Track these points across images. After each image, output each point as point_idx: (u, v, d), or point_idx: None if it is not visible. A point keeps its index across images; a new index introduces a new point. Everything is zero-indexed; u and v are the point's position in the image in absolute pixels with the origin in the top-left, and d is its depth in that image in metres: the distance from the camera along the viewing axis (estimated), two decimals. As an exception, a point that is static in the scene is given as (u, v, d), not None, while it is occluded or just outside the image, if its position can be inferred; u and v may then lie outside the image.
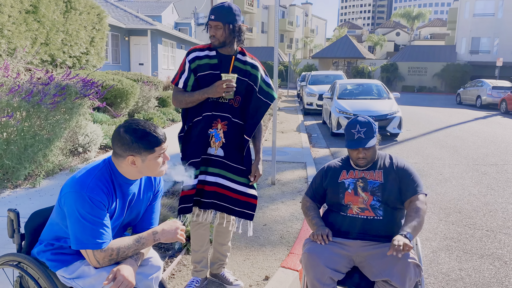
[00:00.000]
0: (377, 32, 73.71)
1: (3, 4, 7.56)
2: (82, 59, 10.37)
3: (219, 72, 2.55)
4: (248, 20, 49.32)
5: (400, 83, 37.56)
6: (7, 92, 4.43)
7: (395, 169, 2.41)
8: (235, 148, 2.61)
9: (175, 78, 2.63)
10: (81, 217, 1.69)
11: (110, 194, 1.78)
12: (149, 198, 2.00)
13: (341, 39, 42.01)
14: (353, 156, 2.42)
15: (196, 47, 2.63)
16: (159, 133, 1.80)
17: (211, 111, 2.56)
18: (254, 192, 2.70)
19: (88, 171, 1.77)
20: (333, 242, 2.32)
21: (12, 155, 4.50)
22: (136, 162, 1.78)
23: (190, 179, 2.52)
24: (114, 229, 1.90)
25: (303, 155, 7.63)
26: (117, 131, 1.80)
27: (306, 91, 16.22)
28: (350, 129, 2.39)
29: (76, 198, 1.69)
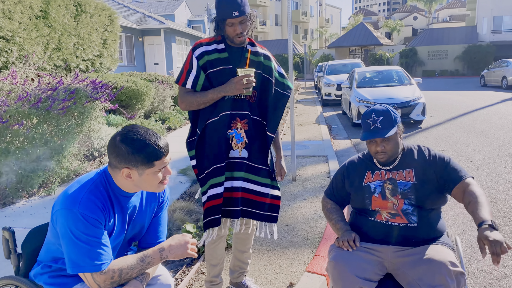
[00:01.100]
0: (393, 18, 72.15)
1: (12, 11, 7.50)
2: (95, 62, 10.30)
3: (231, 66, 2.28)
4: (261, 13, 48.90)
5: (420, 68, 36.60)
6: (15, 99, 4.31)
7: (428, 161, 2.10)
8: (258, 147, 2.38)
9: (180, 77, 2.32)
10: (74, 237, 1.49)
11: (106, 209, 1.57)
12: (153, 210, 1.79)
13: (357, 27, 41.18)
14: (372, 151, 2.12)
15: (202, 41, 2.35)
16: (161, 145, 1.56)
17: (229, 110, 2.29)
18: (278, 192, 2.48)
19: (81, 185, 1.57)
20: (361, 247, 2.06)
21: (25, 164, 4.39)
22: (132, 176, 1.56)
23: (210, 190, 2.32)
24: (116, 246, 1.70)
25: (324, 148, 7.35)
26: (113, 139, 1.58)
27: (324, 82, 15.85)
28: (366, 119, 2.09)
29: (68, 216, 1.49)
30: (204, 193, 2.34)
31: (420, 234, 2.03)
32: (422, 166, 2.10)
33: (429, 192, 2.05)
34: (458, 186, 2.03)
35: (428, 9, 55.85)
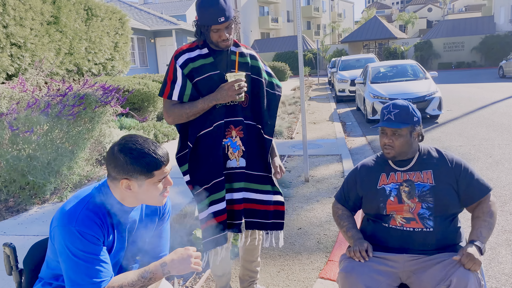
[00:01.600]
0: (407, 10, 71.05)
1: (24, 18, 7.56)
2: (107, 65, 10.35)
3: (219, 71, 2.16)
4: (273, 10, 48.69)
5: (436, 61, 35.93)
6: (25, 107, 4.33)
7: (451, 168, 1.99)
8: (256, 154, 2.27)
9: (164, 90, 2.16)
10: (72, 254, 1.44)
11: (104, 225, 1.51)
12: (154, 223, 1.73)
13: (370, 21, 40.65)
14: (381, 143, 2.05)
15: (183, 48, 2.20)
16: (160, 153, 1.50)
17: (223, 119, 2.16)
18: (281, 198, 2.38)
19: (78, 201, 1.51)
20: (374, 257, 1.96)
21: (36, 170, 4.40)
22: (131, 187, 1.50)
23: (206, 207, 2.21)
24: (118, 262, 1.65)
25: (338, 147, 7.23)
26: (111, 149, 1.52)
27: (337, 78, 15.67)
28: (383, 110, 2.05)
29: (65, 234, 1.44)
30: (202, 209, 2.22)
31: (436, 240, 1.94)
32: (442, 169, 2.01)
33: (448, 195, 1.95)
34: (479, 201, 1.98)
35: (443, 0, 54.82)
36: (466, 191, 1.97)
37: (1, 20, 7.12)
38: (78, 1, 9.06)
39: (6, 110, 4.40)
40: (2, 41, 7.14)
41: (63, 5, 8.54)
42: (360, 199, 2.14)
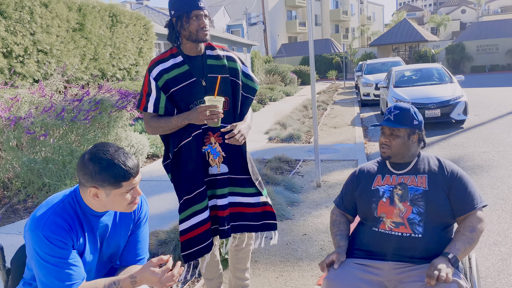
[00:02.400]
0: (439, 12, 69.35)
1: (50, 25, 7.86)
2: (131, 70, 10.60)
3: (195, 78, 2.16)
4: (300, 14, 48.57)
5: (469, 64, 34.86)
6: (41, 111, 4.49)
7: (446, 176, 1.97)
8: (237, 157, 2.26)
9: (140, 102, 2.17)
10: (41, 259, 1.48)
11: (73, 230, 1.54)
12: (129, 228, 1.74)
13: (400, 23, 39.90)
14: (379, 142, 2.07)
15: (156, 59, 2.19)
16: (130, 165, 1.50)
17: (201, 127, 2.16)
18: (265, 199, 2.35)
19: (48, 206, 1.55)
20: (358, 265, 1.94)
21: (51, 173, 4.56)
22: (99, 195, 1.52)
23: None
24: (92, 266, 1.67)
25: (355, 152, 7.12)
26: (82, 157, 1.54)
27: (362, 81, 15.45)
28: (386, 111, 2.08)
29: (33, 238, 1.48)
30: (183, 220, 2.21)
31: (423, 247, 1.89)
32: (437, 175, 1.98)
33: (440, 201, 1.92)
34: (467, 215, 1.93)
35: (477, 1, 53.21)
36: (456, 201, 1.94)
37: (29, 27, 7.42)
38: (103, 8, 9.33)
39: (24, 114, 4.59)
40: (29, 48, 7.43)
41: (89, 12, 8.81)
42: (356, 201, 2.13)
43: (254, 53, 26.56)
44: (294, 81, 24.70)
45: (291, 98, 18.65)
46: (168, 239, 3.38)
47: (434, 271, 1.70)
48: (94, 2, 9.21)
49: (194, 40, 2.13)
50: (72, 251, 1.52)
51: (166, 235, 3.42)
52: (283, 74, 23.58)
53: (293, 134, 8.49)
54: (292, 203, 4.59)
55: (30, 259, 1.52)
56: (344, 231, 2.12)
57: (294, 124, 10.09)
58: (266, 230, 2.39)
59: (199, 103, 2.18)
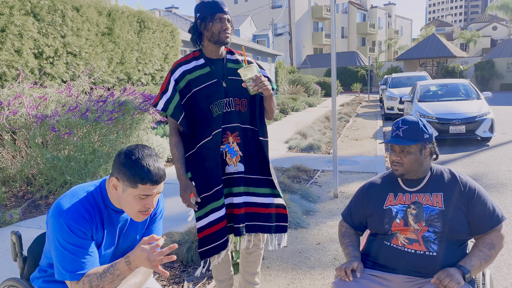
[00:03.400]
0: (470, 28, 68.18)
1: (80, 29, 8.10)
2: (156, 75, 10.80)
3: (216, 80, 2.23)
4: (327, 26, 48.59)
5: (498, 81, 34.05)
6: (66, 110, 4.62)
7: (463, 193, 1.88)
8: (254, 158, 2.31)
9: (155, 98, 2.28)
10: (60, 245, 1.53)
11: (93, 221, 1.59)
12: (145, 223, 1.79)
13: (428, 38, 39.38)
14: (390, 160, 1.97)
15: (180, 61, 2.28)
16: (153, 171, 1.52)
17: (221, 126, 2.23)
18: (281, 201, 2.37)
19: (73, 195, 1.61)
20: (369, 275, 1.90)
21: (73, 171, 4.67)
22: (117, 188, 1.57)
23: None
24: (107, 259, 1.71)
25: (376, 164, 7.04)
26: (123, 148, 1.63)
27: (386, 95, 15.29)
28: (393, 126, 1.98)
29: (55, 225, 1.54)
30: (200, 218, 2.26)
31: (437, 265, 1.82)
32: (453, 193, 1.89)
33: (458, 221, 1.84)
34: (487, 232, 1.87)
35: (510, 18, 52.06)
36: (476, 220, 1.85)
37: (60, 30, 7.68)
38: (131, 14, 9.57)
39: (51, 112, 4.73)
40: (59, 50, 7.68)
41: (118, 18, 9.05)
42: (366, 218, 2.07)
43: (279, 63, 26.67)
44: (318, 92, 24.64)
45: (314, 109, 18.60)
46: (182, 240, 3.41)
47: (445, 277, 1.68)
48: (124, 8, 9.46)
49: (215, 42, 2.20)
50: (90, 242, 1.57)
51: (180, 236, 3.45)
52: (306, 85, 23.56)
53: (313, 144, 8.46)
54: (307, 212, 4.56)
55: (49, 244, 1.58)
56: (355, 242, 2.07)
57: (315, 134, 10.05)
58: (279, 232, 2.40)
59: (219, 103, 2.23)
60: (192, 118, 2.27)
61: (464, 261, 1.78)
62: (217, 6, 2.16)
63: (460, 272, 1.72)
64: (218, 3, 2.16)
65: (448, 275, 1.70)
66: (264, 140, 2.32)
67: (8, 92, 5.32)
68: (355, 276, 1.87)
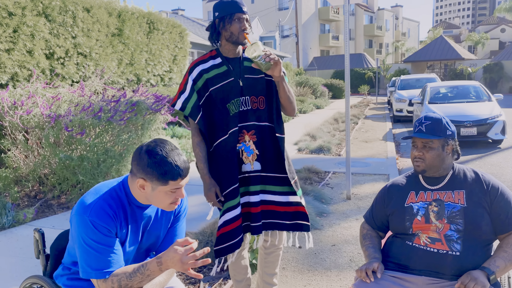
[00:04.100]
0: (478, 30, 67.80)
1: (91, 30, 8.13)
2: (165, 77, 10.82)
3: (233, 78, 2.23)
4: (334, 28, 48.53)
5: (507, 84, 33.81)
6: (80, 110, 4.63)
7: (486, 191, 1.85)
8: (271, 155, 2.30)
9: (173, 98, 2.31)
10: (85, 243, 1.51)
11: (117, 218, 1.57)
12: (169, 221, 1.77)
13: (436, 40, 39.19)
14: (411, 156, 1.95)
15: (197, 60, 2.29)
16: (180, 166, 1.53)
17: (237, 125, 2.24)
18: (299, 199, 2.34)
19: (97, 192, 1.59)
20: (390, 276, 1.87)
21: (86, 171, 4.67)
22: (145, 188, 1.55)
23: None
24: (130, 256, 1.70)
25: (387, 166, 6.99)
26: (140, 147, 1.59)
27: (395, 97, 15.21)
28: (415, 122, 1.96)
29: (79, 223, 1.52)
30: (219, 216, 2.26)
31: (461, 266, 1.79)
32: (475, 191, 1.87)
33: (480, 219, 1.81)
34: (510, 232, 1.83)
35: (517, 20, 51.73)
36: (499, 219, 1.82)
37: (71, 31, 7.71)
38: (141, 15, 9.60)
39: (63, 112, 4.74)
40: (70, 50, 7.71)
41: (128, 19, 9.08)
42: (387, 218, 2.04)
43: (285, 65, 26.66)
44: (325, 94, 24.58)
45: (321, 111, 18.55)
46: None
47: (470, 281, 1.64)
48: (133, 9, 9.48)
49: (234, 42, 2.19)
50: (115, 239, 1.55)
51: (194, 236, 3.43)
52: (314, 87, 23.51)
53: (323, 146, 8.42)
54: (321, 213, 4.53)
55: (73, 242, 1.56)
56: (377, 245, 2.04)
57: (324, 136, 10.01)
58: (298, 230, 2.37)
59: (235, 102, 2.23)
60: (209, 117, 2.27)
61: (488, 262, 1.75)
62: (236, 6, 2.14)
63: (485, 274, 1.69)
64: (237, 2, 2.15)
65: (473, 278, 1.66)
66: (281, 137, 2.31)
67: (21, 92, 5.34)
68: (376, 277, 1.84)
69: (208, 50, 17.63)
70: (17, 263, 3.43)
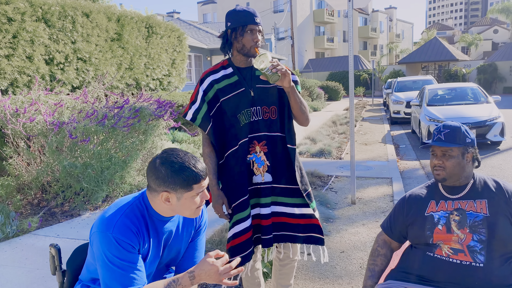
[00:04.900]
0: (471, 31, 68.28)
1: (90, 35, 8.09)
2: (164, 81, 10.78)
3: (244, 89, 2.19)
4: (329, 30, 48.65)
5: (501, 85, 34.06)
6: (84, 117, 4.59)
7: (508, 200, 1.83)
8: (282, 166, 2.26)
9: (185, 108, 2.31)
10: (108, 261, 1.49)
11: (140, 234, 1.55)
12: (190, 235, 1.75)
13: (430, 42, 39.41)
14: (431, 165, 1.94)
15: (208, 71, 2.28)
16: (199, 168, 1.54)
17: (247, 136, 2.21)
18: (311, 211, 2.31)
19: (117, 208, 1.57)
20: (410, 290, 1.85)
21: (90, 178, 4.63)
22: (170, 200, 1.54)
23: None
24: (152, 271, 1.68)
25: (389, 169, 6.99)
26: (153, 162, 1.57)
27: (392, 99, 15.27)
28: (434, 131, 1.96)
29: (102, 240, 1.50)
30: (229, 228, 2.24)
31: (484, 278, 1.76)
32: (498, 200, 1.85)
33: (504, 228, 1.78)
34: None
35: (510, 21, 52.12)
36: None
37: (70, 36, 7.66)
38: (140, 19, 9.56)
39: (67, 119, 4.69)
40: (70, 56, 7.66)
41: (127, 23, 9.04)
42: (406, 228, 2.02)
43: (282, 68, 26.64)
44: (321, 96, 24.62)
45: (319, 113, 18.57)
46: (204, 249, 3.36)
47: None
48: (132, 13, 9.44)
49: (245, 54, 2.17)
50: (138, 255, 1.53)
51: (204, 245, 3.40)
52: (310, 89, 23.55)
53: (324, 149, 8.42)
54: (327, 219, 4.52)
55: (96, 260, 1.54)
56: (378, 267, 2.05)
57: (324, 139, 10.01)
58: (312, 243, 2.34)
59: (246, 112, 2.20)
60: (220, 128, 2.25)
61: None
62: (249, 17, 2.11)
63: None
64: (250, 13, 2.12)
65: None
66: (292, 148, 2.27)
67: (22, 99, 5.28)
68: None
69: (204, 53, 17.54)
70: (23, 274, 3.38)
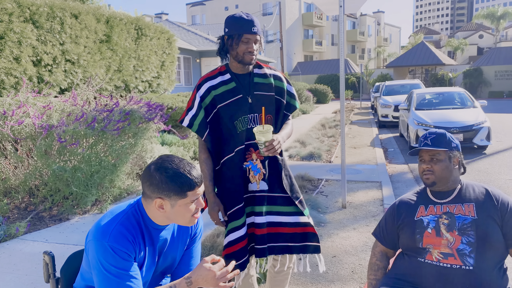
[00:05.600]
0: (457, 36, 69.34)
1: (79, 36, 8.01)
2: (153, 83, 10.71)
3: (241, 95, 2.18)
4: (317, 33, 48.93)
5: (486, 89, 34.64)
6: (73, 120, 4.54)
7: (496, 205, 1.88)
8: (277, 175, 2.26)
9: (182, 114, 2.31)
10: (104, 269, 1.47)
11: (136, 242, 1.54)
12: (185, 243, 1.74)
13: (417, 46, 39.90)
14: (419, 171, 1.99)
15: (205, 76, 2.25)
16: (194, 175, 1.52)
17: (244, 143, 2.19)
18: (307, 219, 2.30)
19: (113, 217, 1.55)
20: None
21: (79, 182, 4.57)
22: (164, 207, 1.52)
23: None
24: (147, 279, 1.66)
25: (378, 173, 7.05)
26: (147, 168, 1.56)
27: (380, 102, 15.40)
28: (420, 138, 2.03)
29: (98, 248, 1.48)
30: (224, 236, 2.23)
31: (475, 281, 1.80)
32: (485, 204, 1.89)
33: (492, 230, 1.82)
34: None
35: (495, 27, 53.04)
36: (511, 233, 1.84)
37: (59, 37, 7.58)
38: (129, 21, 9.50)
39: (56, 122, 4.64)
40: (58, 57, 7.57)
41: (116, 25, 8.97)
42: (398, 234, 2.05)
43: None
44: (310, 99, 24.75)
45: (308, 116, 18.65)
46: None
47: None
48: (121, 15, 9.38)
49: (239, 61, 2.16)
50: (134, 264, 1.52)
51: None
52: (299, 92, 23.64)
53: (314, 153, 8.45)
54: (318, 223, 4.53)
55: (91, 268, 1.52)
56: (379, 280, 2.07)
57: (313, 142, 10.05)
58: (308, 252, 2.34)
59: (243, 119, 2.19)
60: (217, 134, 2.24)
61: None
62: (245, 26, 2.07)
63: None
64: (247, 21, 2.08)
65: None
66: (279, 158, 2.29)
67: (10, 101, 5.20)
68: None
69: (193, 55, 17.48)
70: (11, 280, 3.32)
